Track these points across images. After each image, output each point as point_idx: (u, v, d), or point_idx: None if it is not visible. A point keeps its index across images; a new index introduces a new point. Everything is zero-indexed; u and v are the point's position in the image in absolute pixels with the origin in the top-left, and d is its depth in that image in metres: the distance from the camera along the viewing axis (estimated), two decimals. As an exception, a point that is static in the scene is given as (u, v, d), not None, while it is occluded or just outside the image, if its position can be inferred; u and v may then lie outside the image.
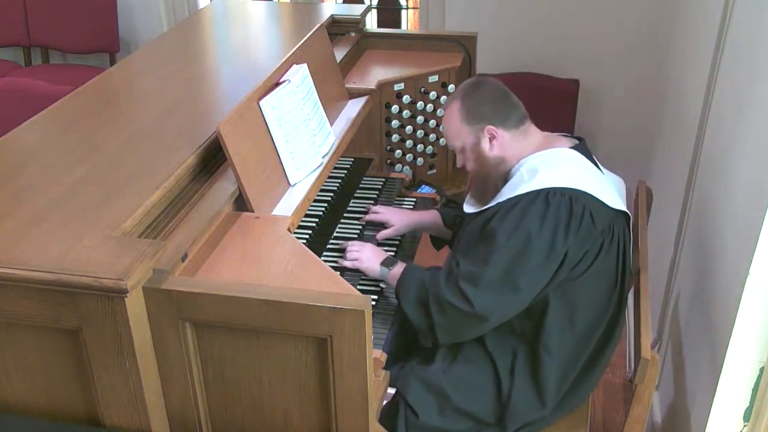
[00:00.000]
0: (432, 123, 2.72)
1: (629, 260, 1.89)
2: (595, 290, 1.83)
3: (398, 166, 2.72)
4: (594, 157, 1.95)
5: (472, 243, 1.84)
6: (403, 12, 4.51)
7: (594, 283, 1.82)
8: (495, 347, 1.88)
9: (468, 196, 2.02)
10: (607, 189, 1.84)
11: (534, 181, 1.79)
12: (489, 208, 1.86)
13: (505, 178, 1.89)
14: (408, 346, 1.98)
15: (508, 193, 1.83)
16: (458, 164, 1.98)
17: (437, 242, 2.35)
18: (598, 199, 1.78)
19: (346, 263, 2.03)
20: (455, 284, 1.77)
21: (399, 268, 1.97)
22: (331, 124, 2.23)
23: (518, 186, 1.81)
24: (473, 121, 1.89)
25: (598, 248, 1.79)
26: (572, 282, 1.79)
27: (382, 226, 2.26)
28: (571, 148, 1.89)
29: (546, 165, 1.82)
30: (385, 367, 1.78)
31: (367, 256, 2.02)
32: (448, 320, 1.80)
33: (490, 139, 1.88)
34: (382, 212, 2.27)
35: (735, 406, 1.74)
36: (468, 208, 1.97)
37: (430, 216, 2.29)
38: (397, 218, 2.26)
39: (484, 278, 1.74)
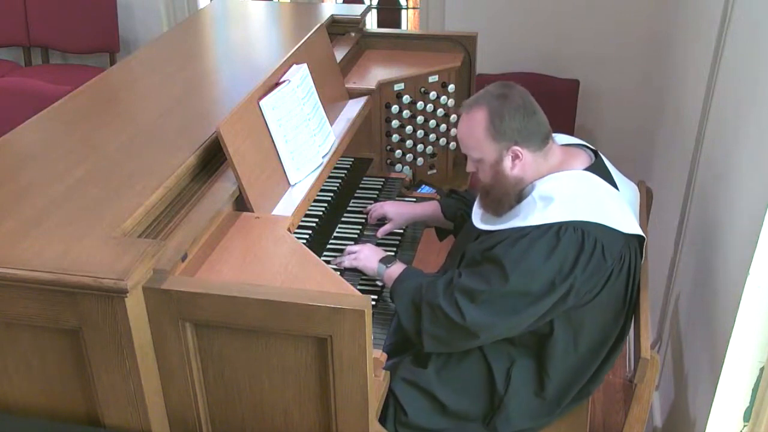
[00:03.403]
0: (432, 123, 2.72)
1: (638, 280, 1.85)
2: (602, 313, 1.81)
3: (398, 166, 2.72)
4: (610, 167, 1.91)
5: (477, 261, 1.81)
6: (403, 12, 4.51)
7: (601, 308, 1.80)
8: (491, 352, 1.87)
9: (477, 206, 1.95)
10: (622, 212, 1.79)
11: (547, 212, 1.74)
12: (500, 231, 1.81)
13: (519, 197, 1.83)
14: (406, 341, 1.98)
15: (519, 219, 1.78)
16: (468, 169, 1.91)
17: (441, 233, 2.34)
18: (611, 228, 1.74)
19: (345, 263, 2.04)
20: (452, 294, 1.75)
21: (396, 267, 1.96)
22: (331, 124, 2.23)
23: (530, 214, 1.77)
24: (499, 138, 1.79)
25: (606, 279, 1.76)
26: (579, 308, 1.78)
27: (382, 224, 2.27)
28: (587, 168, 1.84)
29: (560, 193, 1.77)
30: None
31: (365, 255, 2.03)
32: (437, 328, 1.78)
33: (513, 159, 1.81)
34: (381, 206, 2.28)
35: (735, 406, 1.74)
36: (477, 222, 1.91)
37: (430, 208, 2.28)
38: (395, 211, 2.26)
39: (480, 297, 1.73)
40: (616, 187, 1.87)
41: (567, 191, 1.78)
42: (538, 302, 1.72)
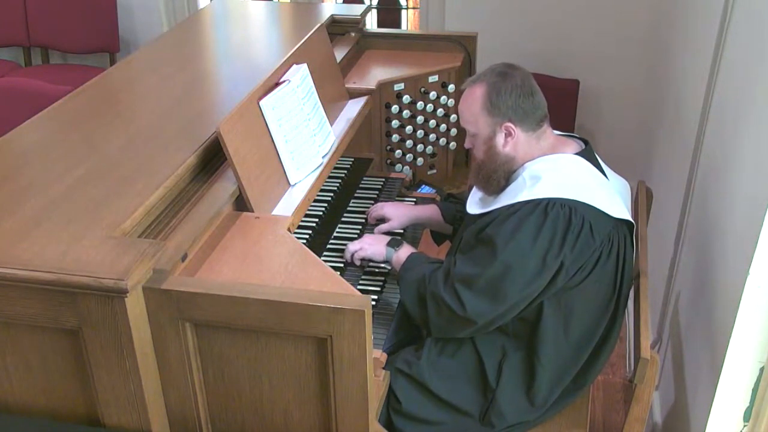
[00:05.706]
0: (432, 123, 2.72)
1: (629, 268, 1.87)
2: (591, 299, 1.83)
3: (398, 166, 2.72)
4: (600, 160, 1.94)
5: (471, 245, 1.84)
6: (403, 12, 4.51)
7: (591, 291, 1.81)
8: (483, 345, 1.88)
9: (472, 191, 2.00)
10: (611, 197, 1.82)
11: (535, 189, 1.78)
12: (490, 212, 1.85)
13: (508, 176, 1.88)
14: (407, 338, 1.98)
15: (509, 197, 1.82)
16: (465, 145, 1.96)
17: (438, 237, 2.35)
18: (598, 210, 1.76)
19: (354, 253, 2.04)
20: (452, 285, 1.78)
21: (405, 251, 1.98)
22: (331, 124, 2.23)
23: (519, 192, 1.80)
24: (494, 113, 1.84)
25: (595, 259, 1.78)
26: (568, 291, 1.79)
27: (382, 223, 2.27)
28: (577, 153, 1.87)
29: (549, 172, 1.81)
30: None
31: (368, 243, 2.05)
32: (441, 318, 1.81)
33: (506, 136, 1.85)
34: (381, 207, 2.28)
35: (735, 406, 1.74)
36: (470, 208, 1.96)
37: (430, 211, 2.29)
38: (395, 212, 2.26)
39: (478, 282, 1.75)
40: (605, 175, 1.90)
41: (556, 171, 1.82)
42: (532, 282, 1.74)
